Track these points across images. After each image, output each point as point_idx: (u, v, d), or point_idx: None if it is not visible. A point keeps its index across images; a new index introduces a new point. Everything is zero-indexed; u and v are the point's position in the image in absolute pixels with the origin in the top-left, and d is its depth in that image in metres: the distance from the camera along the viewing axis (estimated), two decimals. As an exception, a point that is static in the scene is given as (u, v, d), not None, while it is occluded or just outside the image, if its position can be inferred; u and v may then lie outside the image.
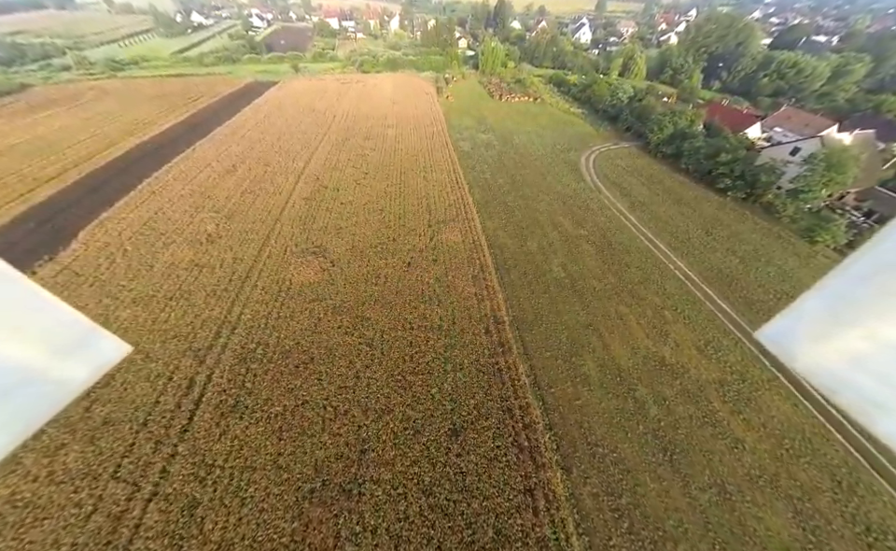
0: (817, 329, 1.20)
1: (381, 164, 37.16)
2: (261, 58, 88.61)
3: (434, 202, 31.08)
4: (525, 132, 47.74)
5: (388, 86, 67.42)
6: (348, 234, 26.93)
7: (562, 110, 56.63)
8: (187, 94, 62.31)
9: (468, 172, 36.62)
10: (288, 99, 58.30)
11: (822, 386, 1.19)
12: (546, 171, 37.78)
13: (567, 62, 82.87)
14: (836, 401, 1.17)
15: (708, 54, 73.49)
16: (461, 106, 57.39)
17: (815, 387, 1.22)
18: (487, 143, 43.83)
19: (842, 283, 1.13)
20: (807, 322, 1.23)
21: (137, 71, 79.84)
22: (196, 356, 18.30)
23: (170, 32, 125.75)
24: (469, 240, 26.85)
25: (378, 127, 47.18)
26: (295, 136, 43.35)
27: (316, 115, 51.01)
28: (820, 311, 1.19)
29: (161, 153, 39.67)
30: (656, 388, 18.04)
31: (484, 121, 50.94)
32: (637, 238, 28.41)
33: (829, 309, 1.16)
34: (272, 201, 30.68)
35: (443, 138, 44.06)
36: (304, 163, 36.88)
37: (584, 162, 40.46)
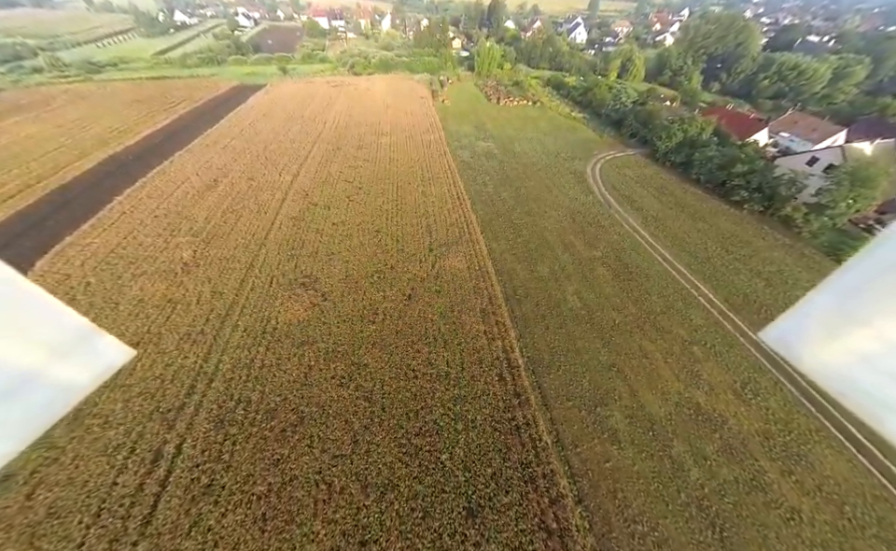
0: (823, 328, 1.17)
1: (375, 177, 34.60)
2: (248, 59, 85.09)
3: (434, 221, 28.65)
4: (527, 139, 45.56)
5: (381, 89, 64.72)
6: (341, 261, 24.39)
7: (563, 115, 54.59)
8: (167, 99, 58.89)
9: (469, 185, 34.27)
10: (276, 104, 55.27)
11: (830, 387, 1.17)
12: (552, 183, 35.61)
13: (564, 63, 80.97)
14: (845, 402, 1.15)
15: (707, 55, 72.21)
16: (458, 111, 55.00)
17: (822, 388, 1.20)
18: (488, 152, 41.54)
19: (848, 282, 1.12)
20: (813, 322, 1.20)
21: (115, 73, 75.89)
22: (164, 419, 15.68)
23: (152, 31, 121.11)
24: (474, 266, 24.51)
25: (371, 135, 44.56)
26: (282, 146, 40.53)
27: (305, 122, 48.16)
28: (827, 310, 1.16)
29: (136, 166, 36.57)
30: (695, 444, 15.94)
31: (483, 127, 48.64)
32: (654, 259, 26.38)
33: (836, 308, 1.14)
34: (256, 222, 27.97)
35: (441, 147, 41.63)
36: (292, 177, 34.15)
37: (590, 171, 38.41)
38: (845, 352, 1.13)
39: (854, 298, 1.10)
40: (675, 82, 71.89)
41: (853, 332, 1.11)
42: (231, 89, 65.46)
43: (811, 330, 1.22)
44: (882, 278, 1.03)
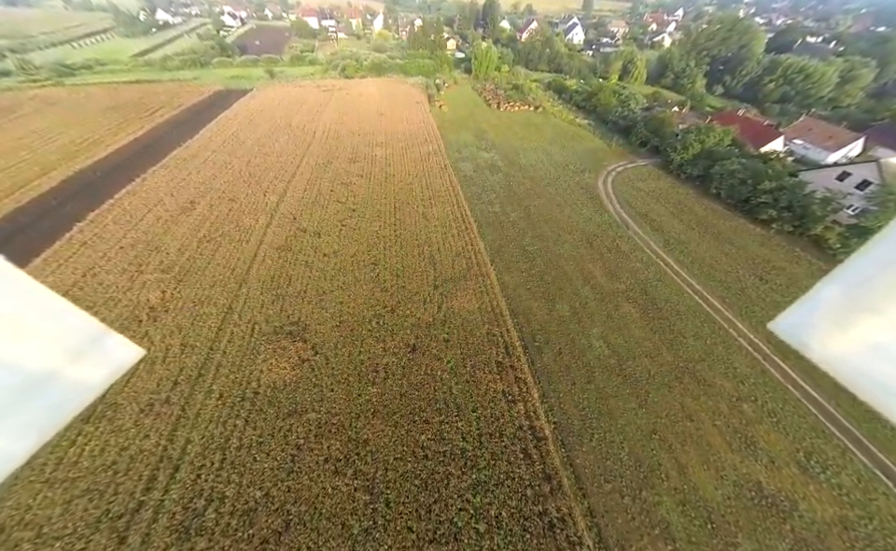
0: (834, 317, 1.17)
1: (370, 197, 31.48)
2: (233, 61, 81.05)
3: (438, 249, 25.68)
4: (531, 149, 42.80)
5: (374, 94, 61.45)
6: (334, 302, 21.31)
7: (566, 121, 51.95)
8: (144, 106, 54.97)
9: (473, 204, 31.36)
10: (262, 111, 51.70)
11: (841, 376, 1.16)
12: (563, 200, 32.87)
13: (564, 65, 78.44)
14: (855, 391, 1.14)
15: (710, 57, 70.28)
16: (457, 118, 52.03)
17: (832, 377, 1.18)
18: (491, 164, 38.67)
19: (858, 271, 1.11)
20: (824, 311, 1.19)
21: (90, 77, 71.45)
22: (114, 529, 12.54)
23: (132, 31, 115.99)
24: (486, 306, 21.61)
25: (365, 146, 41.37)
26: (268, 160, 37.15)
27: (294, 131, 44.76)
28: (838, 299, 1.16)
29: (104, 184, 32.96)
30: (763, 541, 13.28)
31: (485, 136, 45.75)
32: (683, 291, 23.77)
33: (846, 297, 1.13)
34: (237, 253, 24.72)
35: (441, 159, 38.64)
36: (279, 197, 30.87)
37: (602, 186, 35.79)
38: (855, 341, 1.12)
39: (864, 287, 1.09)
40: (678, 85, 69.82)
41: (864, 322, 1.10)
42: (215, 94, 61.64)
43: (821, 319, 1.20)
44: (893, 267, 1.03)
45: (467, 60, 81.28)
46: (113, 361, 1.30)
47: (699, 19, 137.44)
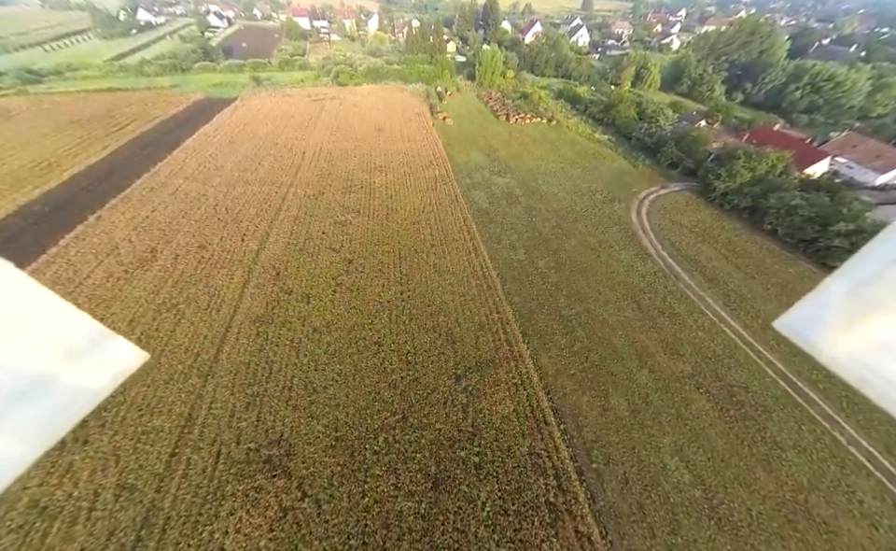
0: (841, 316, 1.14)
1: (370, 241, 26.42)
2: (217, 67, 75.20)
3: (457, 320, 20.74)
4: (551, 171, 37.97)
5: (371, 104, 56.21)
6: (328, 406, 16.34)
7: (584, 136, 47.22)
8: (113, 119, 49.35)
9: (493, 248, 26.47)
10: (245, 126, 46.28)
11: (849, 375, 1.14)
12: (596, 241, 28.08)
13: (572, 70, 73.74)
14: (866, 391, 1.12)
15: (729, 63, 66.01)
16: (463, 133, 47.03)
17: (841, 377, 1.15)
18: (508, 192, 33.77)
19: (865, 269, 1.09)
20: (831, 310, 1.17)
21: (58, 84, 65.46)
22: None
23: (110, 32, 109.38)
24: (523, 407, 16.76)
25: (362, 171, 36.24)
26: (249, 191, 31.90)
27: (280, 152, 39.48)
28: (843, 298, 1.14)
29: (51, 223, 27.62)
30: None
31: (496, 156, 40.83)
32: (763, 374, 19.11)
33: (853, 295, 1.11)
34: (204, 326, 19.61)
35: (451, 187, 33.64)
36: (259, 243, 25.71)
37: (636, 218, 31.10)
38: (863, 340, 1.10)
39: (871, 285, 1.07)
40: (694, 92, 65.46)
41: (871, 320, 1.08)
42: (194, 104, 56.04)
43: (827, 318, 1.18)
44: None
45: (470, 64, 76.23)
46: (116, 365, 1.27)
47: (704, 19, 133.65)
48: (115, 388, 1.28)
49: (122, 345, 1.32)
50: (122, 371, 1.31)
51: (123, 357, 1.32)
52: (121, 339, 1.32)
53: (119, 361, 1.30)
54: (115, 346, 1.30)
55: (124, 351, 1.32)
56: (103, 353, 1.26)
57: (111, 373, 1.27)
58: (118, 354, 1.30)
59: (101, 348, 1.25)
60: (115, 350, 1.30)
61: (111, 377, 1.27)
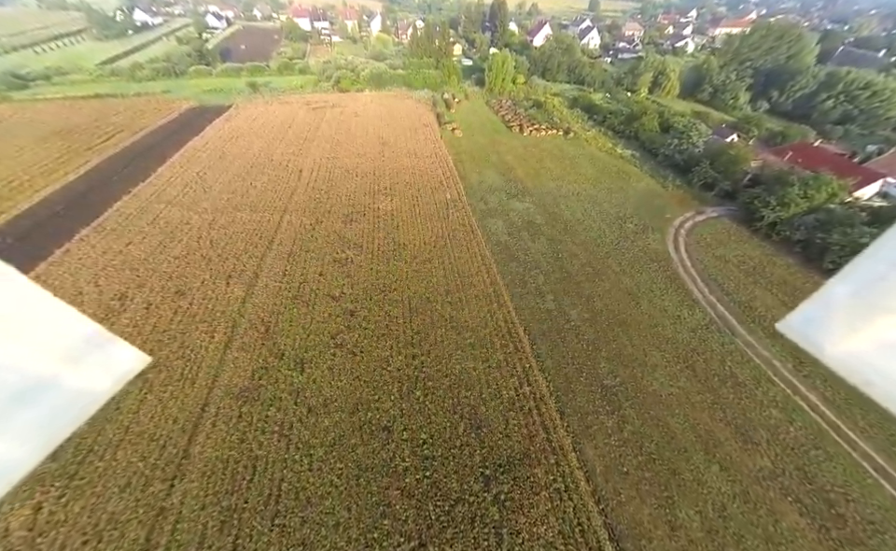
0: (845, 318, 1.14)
1: (375, 286, 22.84)
2: (212, 71, 71.79)
3: (482, 396, 17.15)
4: (573, 193, 34.33)
5: (374, 113, 52.65)
6: (324, 531, 12.80)
7: (604, 151, 43.54)
8: (98, 129, 45.98)
9: (518, 294, 22.88)
10: (238, 139, 42.79)
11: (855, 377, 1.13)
12: (633, 282, 24.48)
13: (585, 75, 70.00)
14: (871, 392, 1.11)
15: (753, 69, 62.20)
16: (474, 147, 43.42)
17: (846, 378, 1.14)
18: (528, 220, 30.15)
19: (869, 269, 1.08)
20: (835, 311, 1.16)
21: (45, 89, 62.20)
22: None
23: (106, 33, 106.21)
24: (569, 520, 13.17)
25: (364, 194, 32.66)
26: (238, 219, 28.37)
27: (275, 170, 35.95)
28: (848, 299, 1.13)
29: (8, 261, 24.09)
30: None
31: (512, 175, 37.20)
32: (864, 475, 15.38)
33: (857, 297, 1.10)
34: (173, 405, 16.11)
35: (465, 215, 30.02)
36: (247, 287, 22.19)
37: (675, 253, 27.48)
38: (868, 341, 1.09)
39: (875, 286, 1.06)
40: (716, 100, 61.68)
41: (877, 321, 1.07)
42: (186, 112, 52.66)
43: (831, 320, 1.17)
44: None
45: (477, 69, 72.57)
46: (118, 368, 1.27)
47: (716, 22, 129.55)
48: (116, 390, 1.26)
49: (124, 347, 1.31)
50: (124, 373, 1.29)
51: (125, 359, 1.30)
52: (123, 342, 1.30)
53: (120, 364, 1.28)
54: (116, 349, 1.29)
55: (126, 354, 1.31)
56: (104, 355, 1.24)
57: (113, 375, 1.25)
58: (119, 357, 1.29)
59: (102, 351, 1.24)
60: (116, 353, 1.28)
61: (113, 380, 1.25)
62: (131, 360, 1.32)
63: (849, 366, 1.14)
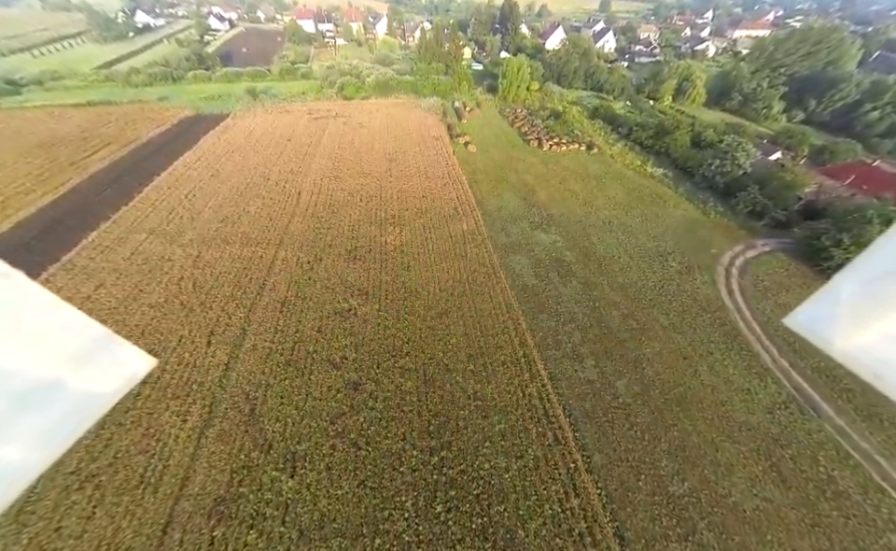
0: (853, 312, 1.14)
1: (383, 348, 19.25)
2: (212, 75, 68.76)
3: (518, 512, 13.48)
4: (604, 222, 30.54)
5: (380, 124, 49.15)
6: None
7: (633, 169, 39.67)
8: (86, 141, 42.97)
9: (551, 358, 19.19)
10: (234, 153, 39.49)
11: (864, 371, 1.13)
12: (687, 341, 20.68)
13: (604, 82, 66.03)
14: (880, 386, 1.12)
15: (787, 76, 57.92)
16: (490, 164, 39.73)
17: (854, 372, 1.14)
18: (557, 257, 26.44)
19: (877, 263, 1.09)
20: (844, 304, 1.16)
21: (37, 96, 59.46)
22: None
23: (106, 35, 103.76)
24: None
25: (370, 223, 29.10)
26: (227, 254, 24.92)
27: (271, 192, 32.52)
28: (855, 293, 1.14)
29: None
30: None
31: (535, 199, 33.45)
32: None
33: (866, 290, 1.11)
34: (127, 526, 12.62)
35: (484, 251, 26.31)
36: (231, 348, 18.69)
37: (731, 301, 23.65)
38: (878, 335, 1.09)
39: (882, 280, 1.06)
40: (747, 110, 57.46)
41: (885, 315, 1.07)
42: (181, 122, 49.53)
43: (839, 313, 1.16)
44: None
45: (489, 75, 68.87)
46: (125, 371, 1.26)
47: (735, 23, 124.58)
48: (124, 394, 1.25)
49: (130, 350, 1.30)
50: (131, 377, 1.28)
51: (132, 362, 1.29)
52: (129, 344, 1.29)
53: (127, 367, 1.27)
54: (123, 352, 1.28)
55: (133, 357, 1.29)
56: (111, 358, 1.23)
57: (120, 378, 1.24)
58: (126, 360, 1.28)
59: (109, 354, 1.23)
60: (123, 356, 1.27)
61: (120, 383, 1.24)
62: (137, 362, 1.29)
63: (858, 360, 1.13)
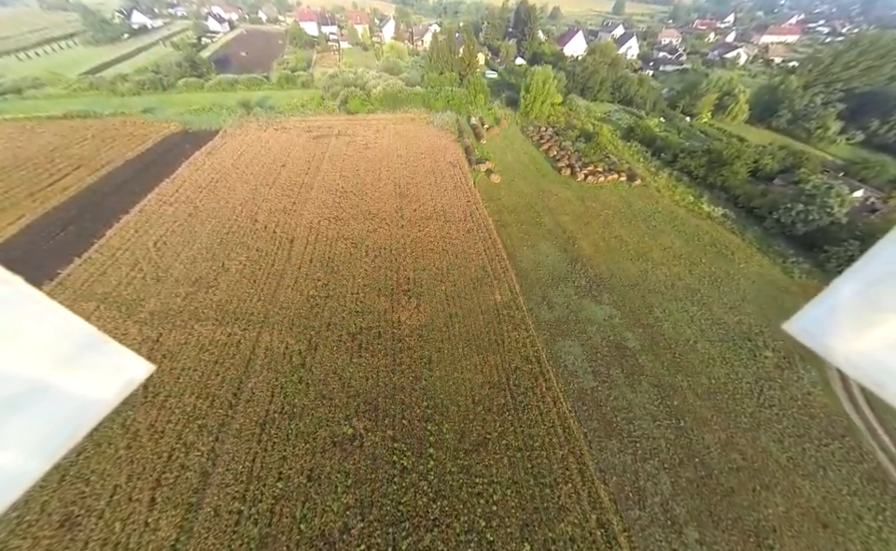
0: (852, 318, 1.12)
1: (399, 508, 13.60)
2: (205, 83, 63.34)
3: None
4: (666, 285, 24.66)
5: (387, 145, 43.44)
6: None
7: (685, 207, 33.69)
8: (53, 164, 37.65)
9: (634, 519, 13.40)
10: (218, 183, 33.92)
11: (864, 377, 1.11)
12: (822, 498, 14.78)
13: (633, 94, 60.05)
14: (882, 393, 1.09)
15: (844, 92, 51.78)
16: (518, 200, 33.82)
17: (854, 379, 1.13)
18: (616, 342, 20.59)
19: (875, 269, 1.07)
20: (842, 312, 1.14)
21: (14, 105, 54.20)
22: None
23: (99, 37, 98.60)
24: None
25: (379, 292, 23.34)
26: (194, 338, 19.20)
27: (258, 240, 26.87)
28: (854, 299, 1.11)
29: None
30: None
31: (576, 249, 27.59)
32: None
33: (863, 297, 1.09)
34: None
35: (525, 335, 20.37)
36: (182, 515, 13.05)
37: (857, 415, 17.70)
38: (879, 341, 1.07)
39: (881, 286, 1.05)
40: (797, 129, 51.29)
41: (886, 321, 1.05)
42: (165, 140, 44.06)
43: (839, 320, 1.15)
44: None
45: (506, 84, 63.05)
46: (123, 376, 1.24)
47: (761, 29, 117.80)
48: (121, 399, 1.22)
49: (128, 356, 1.28)
50: (129, 382, 1.26)
51: (130, 368, 1.27)
52: (127, 351, 1.27)
53: (125, 373, 1.25)
54: (121, 358, 1.26)
55: (131, 362, 1.28)
56: (110, 364, 1.21)
57: (118, 384, 1.22)
58: (124, 365, 1.26)
59: (108, 359, 1.22)
60: (122, 361, 1.25)
61: (118, 388, 1.22)
62: (135, 367, 1.27)
63: (858, 366, 1.11)
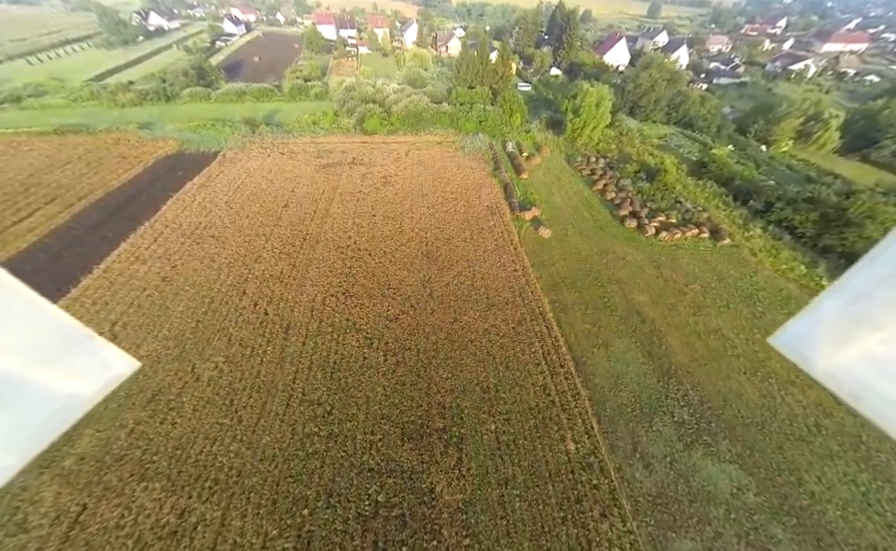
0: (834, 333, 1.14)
1: None
2: (212, 93, 58.10)
3: None
4: (806, 423, 17.03)
5: (411, 180, 36.68)
6: None
7: (794, 280, 25.64)
8: (27, 194, 32.79)
9: None
10: (203, 234, 27.76)
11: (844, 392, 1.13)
12: None
13: (693, 115, 51.64)
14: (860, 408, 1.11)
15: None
16: (576, 267, 26.41)
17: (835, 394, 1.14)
18: (759, 545, 13.29)
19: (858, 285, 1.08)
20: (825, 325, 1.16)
21: (10, 115, 49.93)
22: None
23: (114, 39, 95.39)
24: None
25: (401, 435, 16.51)
26: (133, 508, 12.87)
27: (242, 326, 20.43)
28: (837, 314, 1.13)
29: None
30: None
31: (665, 353, 20.13)
32: None
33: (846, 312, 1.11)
34: None
35: (621, 529, 13.39)
36: None
37: None
38: (858, 357, 1.09)
39: (864, 301, 1.06)
40: (903, 164, 42.21)
41: (865, 337, 1.07)
42: (157, 164, 38.58)
43: (822, 334, 1.17)
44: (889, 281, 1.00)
45: (542, 102, 55.48)
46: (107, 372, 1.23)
47: (824, 35, 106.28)
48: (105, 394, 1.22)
49: (113, 352, 1.27)
50: (113, 378, 1.25)
51: (114, 364, 1.25)
52: (113, 347, 1.27)
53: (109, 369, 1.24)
54: (105, 353, 1.24)
55: (115, 359, 1.27)
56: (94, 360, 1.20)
57: (102, 379, 1.21)
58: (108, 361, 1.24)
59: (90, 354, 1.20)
60: (105, 357, 1.24)
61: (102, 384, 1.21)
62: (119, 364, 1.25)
63: (838, 380, 1.12)
